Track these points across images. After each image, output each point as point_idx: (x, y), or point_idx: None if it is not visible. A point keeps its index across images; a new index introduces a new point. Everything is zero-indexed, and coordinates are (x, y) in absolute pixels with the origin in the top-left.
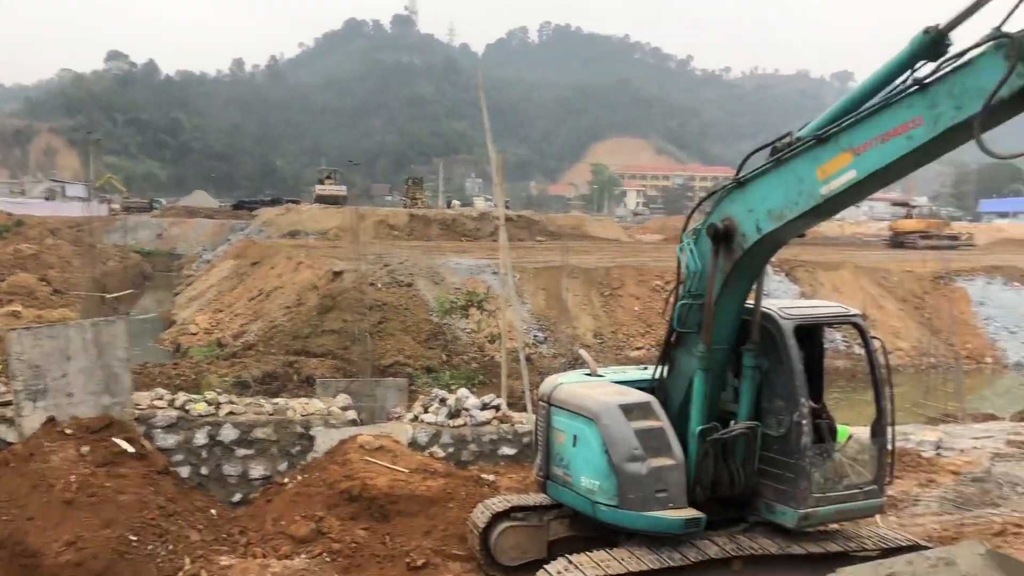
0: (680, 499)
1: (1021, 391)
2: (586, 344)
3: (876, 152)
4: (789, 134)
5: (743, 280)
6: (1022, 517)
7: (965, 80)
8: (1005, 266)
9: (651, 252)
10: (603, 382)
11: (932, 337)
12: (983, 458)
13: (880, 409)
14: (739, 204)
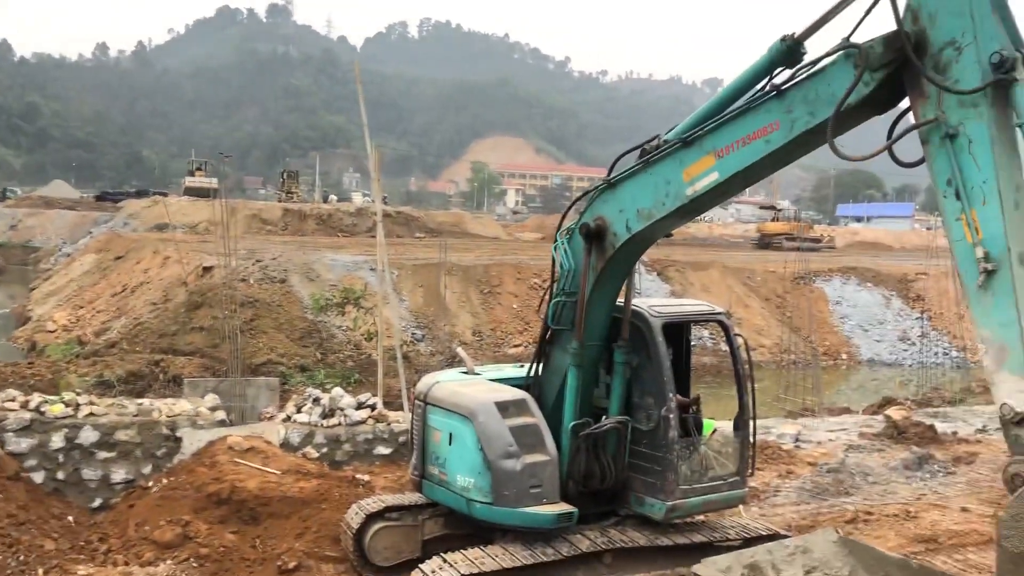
0: (553, 494)
1: (873, 385)
2: (464, 342)
3: (737, 155)
4: (657, 137)
5: (615, 278)
6: (872, 505)
7: (818, 87)
8: (859, 267)
9: (529, 250)
10: (479, 380)
11: (792, 334)
12: (838, 450)
13: (743, 404)
14: (610, 204)
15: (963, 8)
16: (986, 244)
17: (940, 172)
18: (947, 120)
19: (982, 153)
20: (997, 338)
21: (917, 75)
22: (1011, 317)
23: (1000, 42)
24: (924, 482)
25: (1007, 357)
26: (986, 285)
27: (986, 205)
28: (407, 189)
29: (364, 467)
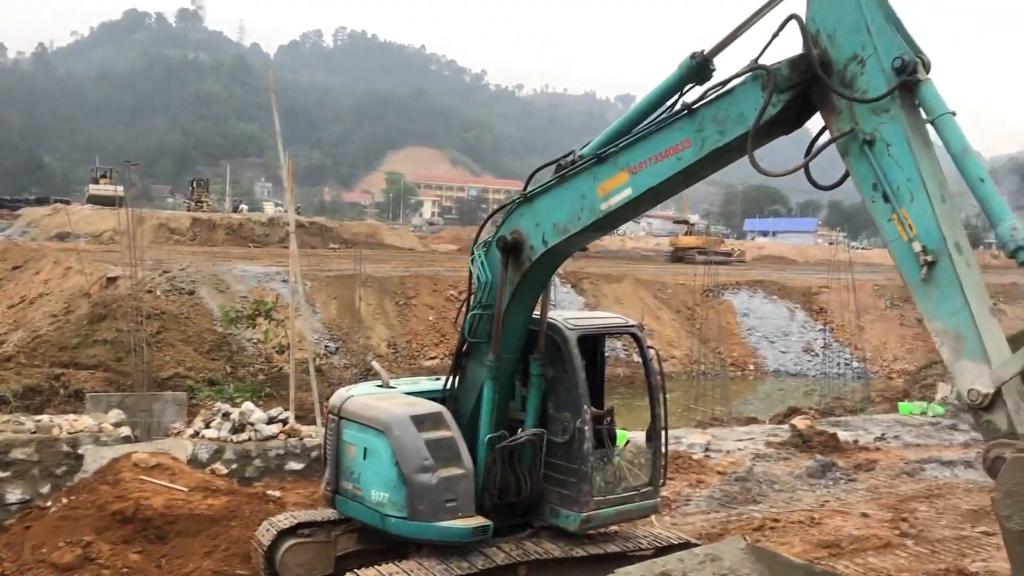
0: (469, 508)
1: (779, 395)
2: (380, 354)
3: (650, 172)
4: (573, 152)
5: (531, 291)
6: (778, 512)
7: (727, 107)
8: (766, 280)
9: (446, 262)
10: (395, 393)
11: (702, 346)
12: (746, 459)
13: (655, 415)
14: (527, 218)
15: (859, 24)
16: (921, 238)
17: (864, 179)
18: (862, 129)
19: (901, 153)
20: (950, 327)
21: (826, 92)
22: (959, 304)
23: (899, 48)
24: (827, 489)
25: (963, 344)
26: (929, 278)
27: (914, 202)
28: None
29: (275, 483)
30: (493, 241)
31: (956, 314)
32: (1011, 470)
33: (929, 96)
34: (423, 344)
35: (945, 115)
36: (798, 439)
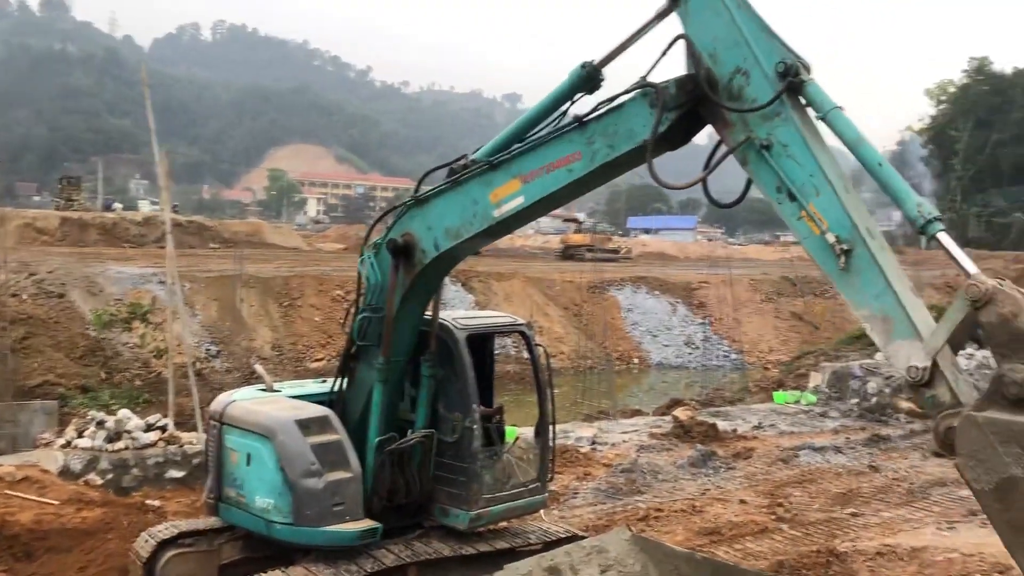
0: (357, 511)
1: (663, 387)
2: (264, 357)
3: (542, 181)
4: (465, 156)
5: (423, 294)
6: (662, 502)
7: (616, 122)
8: (649, 277)
9: (332, 261)
10: (279, 397)
11: (589, 341)
12: (631, 450)
13: (543, 411)
14: (418, 221)
15: (736, 39)
16: (834, 229)
17: (767, 183)
18: (757, 135)
19: (800, 151)
20: (877, 311)
21: (717, 108)
22: (882, 286)
23: (779, 54)
24: (708, 478)
25: (892, 326)
26: (848, 266)
27: (820, 195)
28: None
29: (155, 492)
30: (383, 243)
31: (880, 297)
32: (964, 433)
33: (815, 94)
34: (309, 346)
35: (834, 109)
36: (680, 430)
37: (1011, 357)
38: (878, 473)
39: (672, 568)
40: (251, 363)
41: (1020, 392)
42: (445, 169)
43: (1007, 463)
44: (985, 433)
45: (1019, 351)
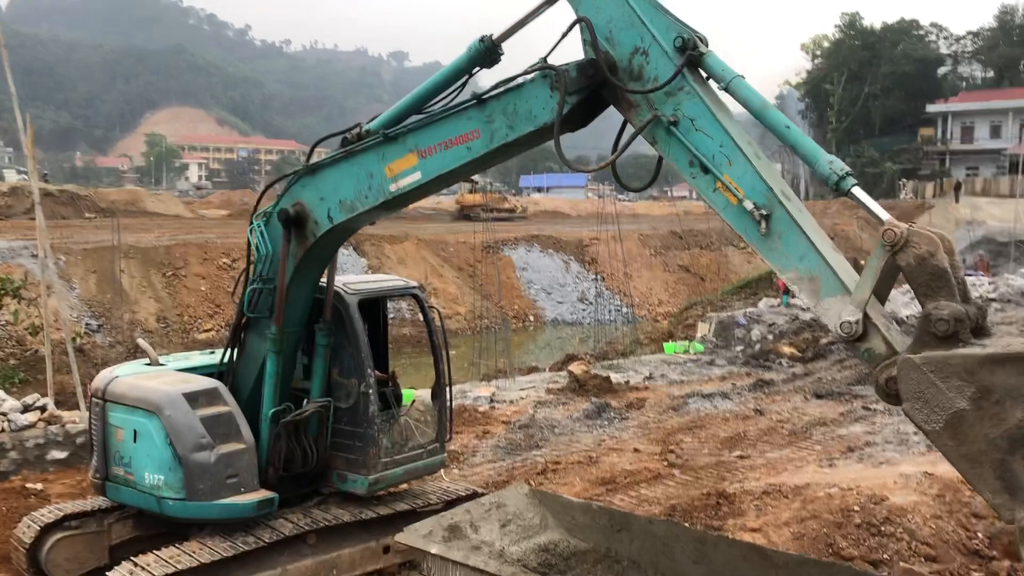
0: (251, 482)
1: (558, 344)
2: (148, 330)
3: (439, 157)
4: (359, 125)
5: (316, 265)
6: (559, 455)
7: (516, 102)
8: (541, 235)
9: (216, 228)
10: (165, 371)
11: (484, 301)
12: (528, 407)
13: (439, 372)
14: (310, 191)
15: (631, 20)
16: (750, 196)
17: (679, 158)
18: (663, 113)
19: (708, 124)
20: (803, 272)
21: (619, 91)
22: (805, 246)
23: (675, 29)
24: (603, 429)
25: (820, 284)
26: (769, 231)
27: (733, 164)
28: (72, 165)
29: (36, 475)
30: (273, 212)
31: (805, 257)
32: (905, 377)
33: (715, 65)
34: (196, 316)
35: (736, 78)
36: (575, 384)
37: (934, 295)
38: (763, 416)
39: (570, 518)
40: (134, 337)
41: (948, 327)
42: (338, 137)
43: (952, 398)
44: (925, 373)
45: (940, 288)
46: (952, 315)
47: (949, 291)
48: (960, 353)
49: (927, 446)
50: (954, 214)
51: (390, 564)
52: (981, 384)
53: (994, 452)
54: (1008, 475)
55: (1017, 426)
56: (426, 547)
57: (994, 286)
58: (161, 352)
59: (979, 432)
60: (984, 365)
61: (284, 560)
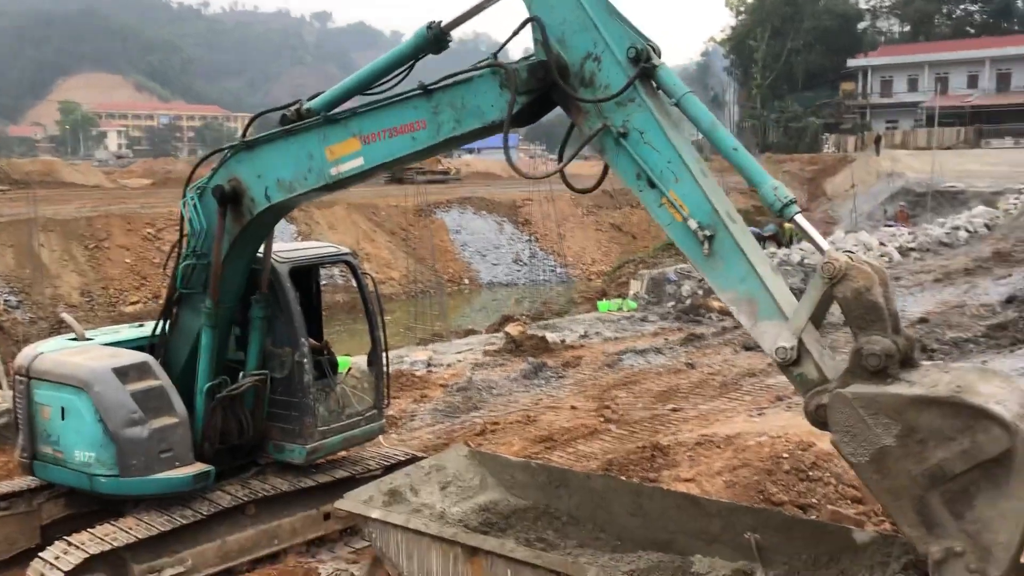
0: (186, 456)
1: (494, 306)
2: (72, 304)
3: (383, 145)
4: (299, 102)
5: (252, 242)
6: (497, 416)
7: (464, 96)
8: (474, 197)
9: (139, 198)
10: (92, 346)
11: (418, 265)
12: (466, 369)
13: (374, 339)
14: (247, 167)
15: (585, 23)
16: (695, 215)
17: (626, 171)
18: (613, 123)
19: (656, 138)
20: (742, 294)
21: (569, 99)
22: (746, 269)
23: (629, 38)
24: (540, 388)
25: (758, 308)
26: (711, 251)
27: (679, 181)
28: None
29: None
30: (208, 187)
31: (745, 280)
32: (834, 410)
33: (667, 79)
34: (122, 289)
35: (687, 94)
36: (512, 345)
37: (867, 329)
38: (694, 369)
39: (509, 477)
40: (58, 312)
41: (879, 363)
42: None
43: (879, 434)
44: (855, 408)
45: (874, 322)
46: (883, 351)
47: (882, 325)
48: (889, 392)
49: None
50: (875, 167)
51: (331, 531)
52: (907, 424)
53: (915, 488)
54: (926, 511)
55: (938, 465)
56: (367, 512)
57: (913, 236)
58: (87, 327)
59: (902, 468)
60: (911, 406)
61: (224, 532)
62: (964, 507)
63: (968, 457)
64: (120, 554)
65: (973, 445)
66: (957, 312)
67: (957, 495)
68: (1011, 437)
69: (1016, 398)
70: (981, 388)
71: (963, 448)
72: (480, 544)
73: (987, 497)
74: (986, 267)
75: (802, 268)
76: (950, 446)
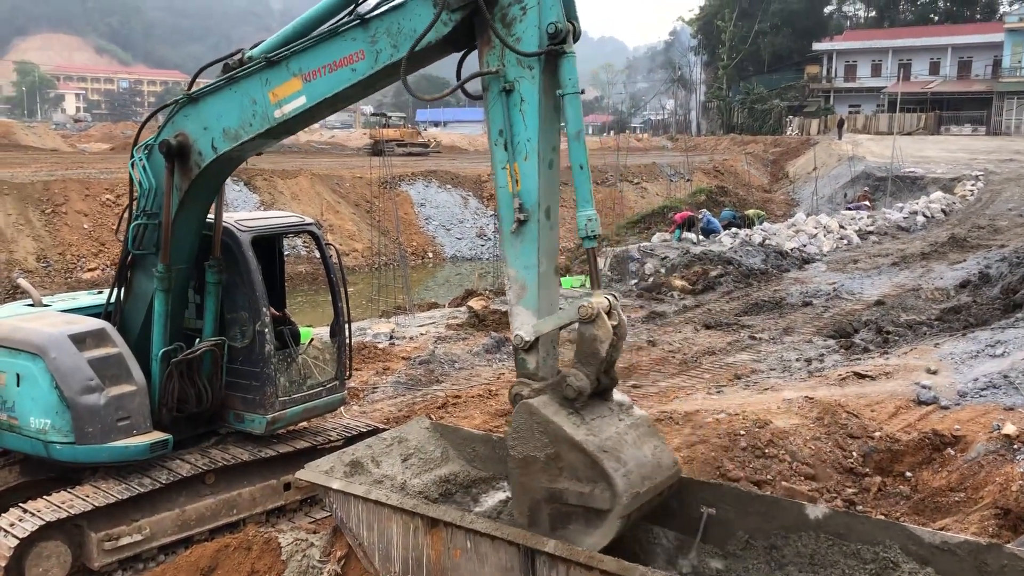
0: (144, 424)
1: (457, 280)
2: (28, 270)
3: (324, 81)
4: (241, 51)
5: (202, 198)
6: (459, 389)
7: (400, 21)
8: (439, 171)
9: (98, 163)
10: (49, 312)
11: (382, 237)
12: (429, 343)
13: (337, 310)
14: (193, 120)
15: None
16: (522, 196)
17: (494, 122)
18: (506, 75)
19: (530, 113)
20: (520, 277)
21: (486, 23)
22: (533, 261)
23: (557, 14)
24: (502, 362)
25: (525, 294)
26: (517, 232)
27: (527, 161)
28: None
29: None
30: (155, 144)
31: (528, 268)
32: (519, 413)
33: (567, 70)
34: (79, 255)
35: (574, 94)
36: (475, 319)
37: (582, 365)
38: (655, 347)
39: (470, 450)
40: (13, 278)
41: (572, 394)
42: (220, 65)
43: (535, 447)
44: (532, 420)
45: (589, 364)
46: (579, 388)
47: (593, 368)
48: (557, 424)
49: (808, 372)
50: (837, 150)
51: (291, 501)
52: (557, 451)
53: (537, 494)
54: (536, 514)
55: (561, 490)
56: (327, 483)
57: (872, 219)
58: (44, 293)
59: (537, 478)
60: (566, 442)
61: (183, 501)
62: (560, 524)
63: (581, 499)
64: (77, 522)
65: (589, 494)
66: (912, 295)
67: (561, 515)
68: (614, 502)
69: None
70: (625, 453)
71: (581, 491)
72: (440, 516)
73: (578, 528)
74: (942, 252)
75: (763, 249)
76: (575, 484)
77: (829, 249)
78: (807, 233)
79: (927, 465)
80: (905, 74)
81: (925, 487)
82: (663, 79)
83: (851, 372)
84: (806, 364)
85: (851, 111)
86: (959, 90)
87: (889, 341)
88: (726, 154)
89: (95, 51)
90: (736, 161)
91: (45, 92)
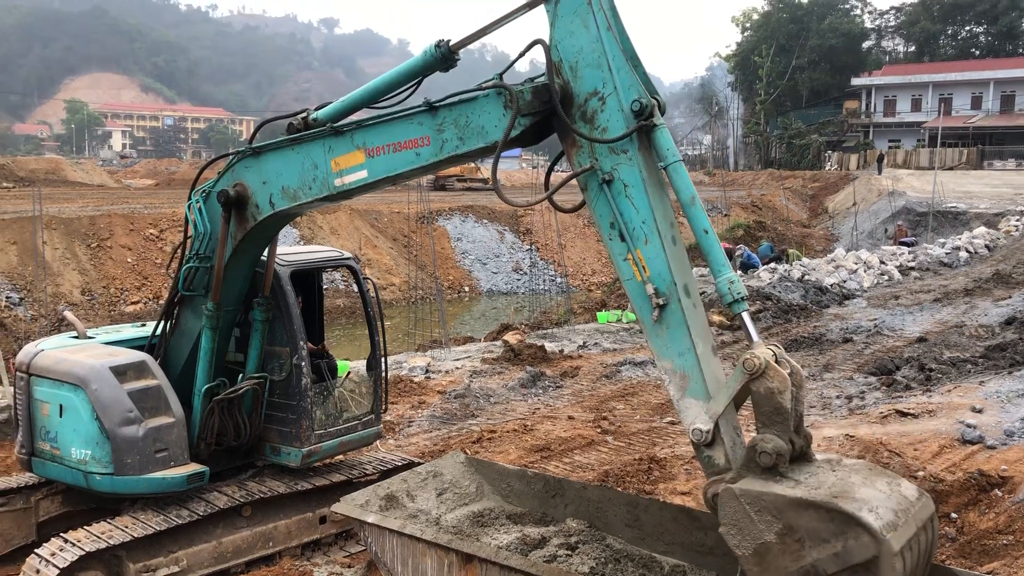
0: (181, 456)
1: (493, 314)
2: (74, 303)
3: (387, 159)
4: (307, 111)
5: (255, 247)
6: (494, 424)
7: (468, 114)
8: (476, 206)
9: (142, 198)
10: (92, 344)
11: (419, 272)
12: (464, 376)
13: (374, 343)
14: (253, 173)
15: (600, 60)
16: (654, 280)
17: (602, 216)
18: (601, 167)
19: (638, 195)
20: (677, 367)
21: (567, 128)
22: (687, 346)
23: (637, 90)
24: (538, 397)
25: (688, 384)
26: (660, 319)
27: (648, 244)
28: None
29: None
30: (214, 191)
31: (683, 355)
32: (725, 504)
33: (662, 141)
34: (123, 288)
35: (677, 162)
36: (510, 353)
37: (768, 426)
38: None
39: (505, 485)
40: (59, 310)
41: (770, 460)
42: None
43: (762, 530)
44: (742, 504)
45: (776, 423)
46: (775, 450)
47: (783, 427)
48: (773, 492)
49: (849, 410)
50: (877, 185)
51: (326, 534)
52: (787, 522)
53: None
54: None
55: (812, 564)
56: (363, 517)
57: (913, 255)
58: (89, 326)
59: (780, 564)
60: (791, 506)
61: (219, 533)
62: None
63: (839, 560)
64: (115, 552)
65: (844, 550)
66: (956, 332)
67: None
68: (878, 545)
69: (893, 503)
70: (859, 493)
71: (835, 551)
72: (475, 551)
73: None
74: (986, 288)
75: (802, 284)
76: (824, 548)
77: (869, 285)
78: (847, 268)
79: (973, 506)
80: (946, 109)
81: (972, 529)
82: (699, 112)
83: (893, 410)
84: (847, 401)
85: (891, 146)
86: (1002, 124)
87: (932, 379)
88: (764, 189)
89: (141, 89)
90: (775, 196)
91: (93, 129)
